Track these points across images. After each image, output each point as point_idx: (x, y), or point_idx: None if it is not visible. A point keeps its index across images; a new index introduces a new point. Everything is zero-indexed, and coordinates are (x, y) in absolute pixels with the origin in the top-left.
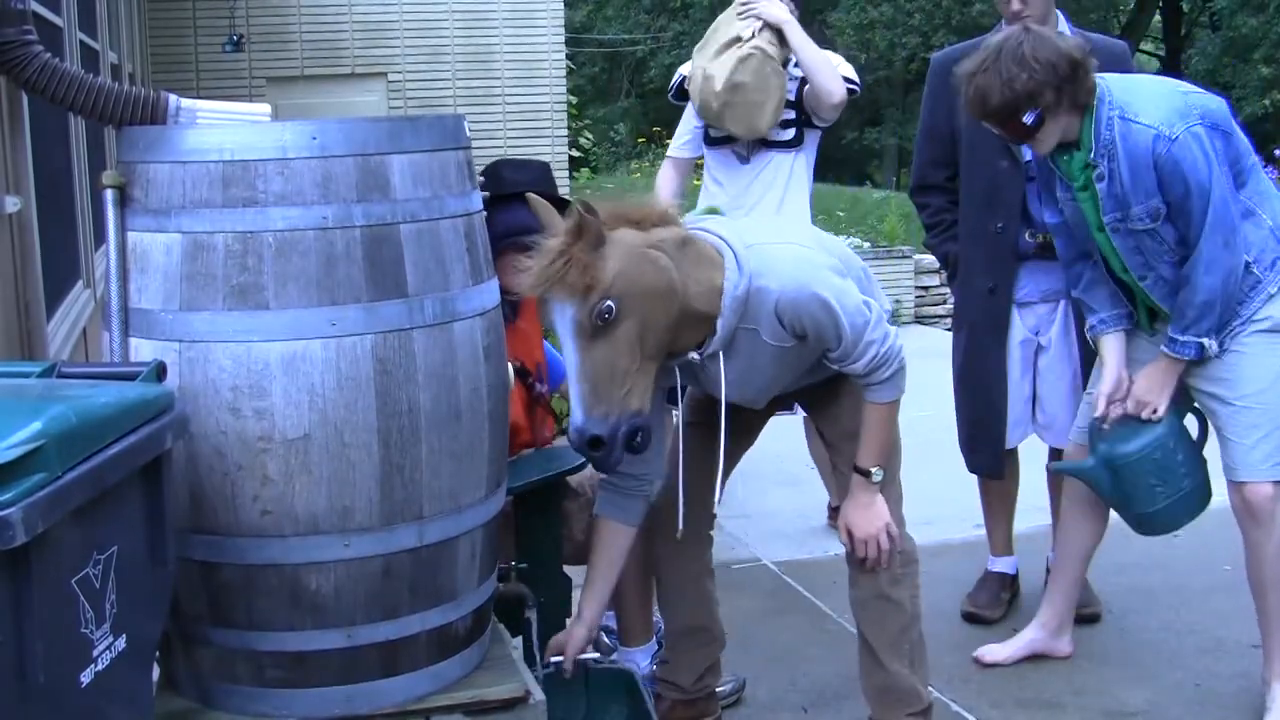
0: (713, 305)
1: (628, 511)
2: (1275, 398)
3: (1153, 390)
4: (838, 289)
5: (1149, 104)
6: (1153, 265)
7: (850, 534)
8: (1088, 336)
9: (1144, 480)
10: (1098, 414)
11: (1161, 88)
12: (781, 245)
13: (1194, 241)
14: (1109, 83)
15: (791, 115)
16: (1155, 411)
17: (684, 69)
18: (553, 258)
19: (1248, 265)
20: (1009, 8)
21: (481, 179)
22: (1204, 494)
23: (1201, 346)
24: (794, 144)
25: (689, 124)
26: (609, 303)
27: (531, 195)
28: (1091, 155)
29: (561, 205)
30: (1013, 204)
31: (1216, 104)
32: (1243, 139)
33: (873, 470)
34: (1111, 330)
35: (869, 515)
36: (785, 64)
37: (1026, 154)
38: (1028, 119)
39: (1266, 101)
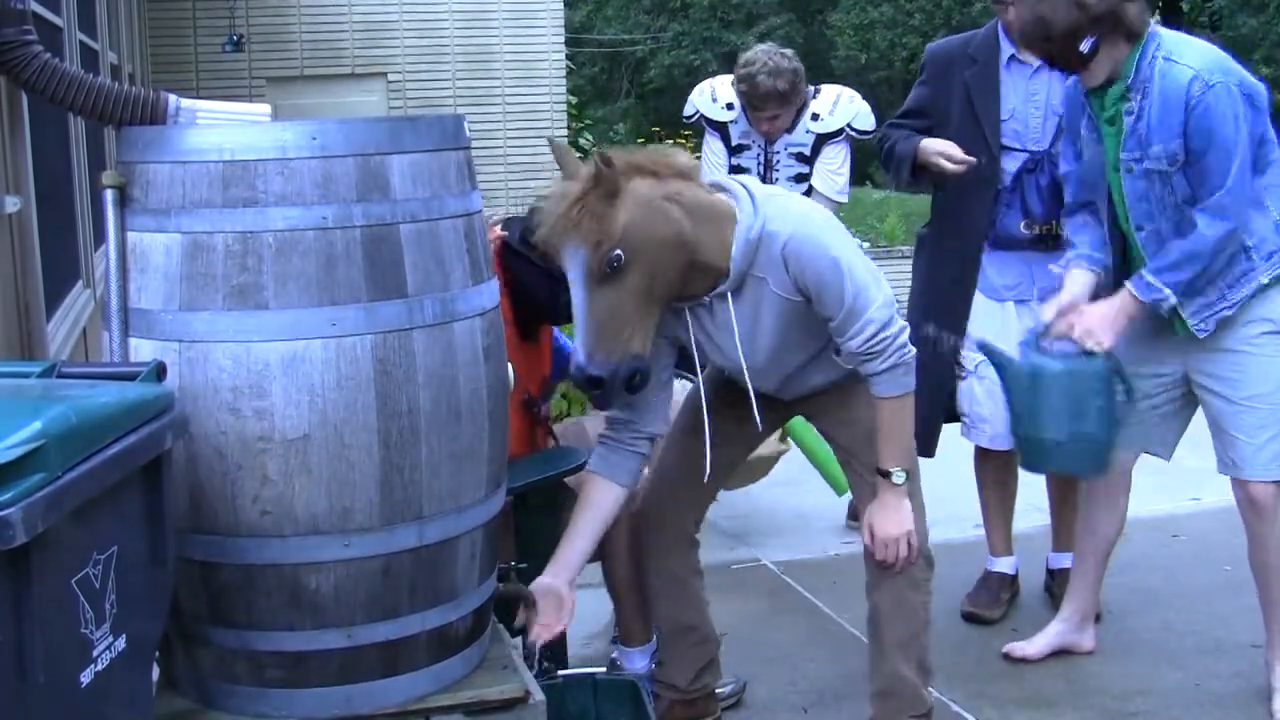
0: (722, 258)
1: (620, 470)
2: None
3: (1104, 322)
4: (850, 256)
5: (1194, 53)
6: (1154, 216)
7: (872, 534)
8: (1059, 269)
9: (1053, 402)
10: (1043, 319)
11: (1209, 46)
12: (801, 203)
13: (1206, 188)
14: (1161, 30)
15: (805, 170)
16: (1099, 344)
17: (705, 106)
18: (568, 206)
19: (1247, 249)
20: (1006, 16)
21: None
22: (1100, 455)
23: (1163, 297)
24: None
25: (715, 158)
26: (618, 252)
27: (553, 140)
28: (1128, 86)
29: None
30: (985, 200)
31: (1255, 82)
32: (1270, 128)
33: (893, 471)
34: (1085, 266)
35: (893, 519)
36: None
37: (1007, 165)
38: (1084, 46)
39: None
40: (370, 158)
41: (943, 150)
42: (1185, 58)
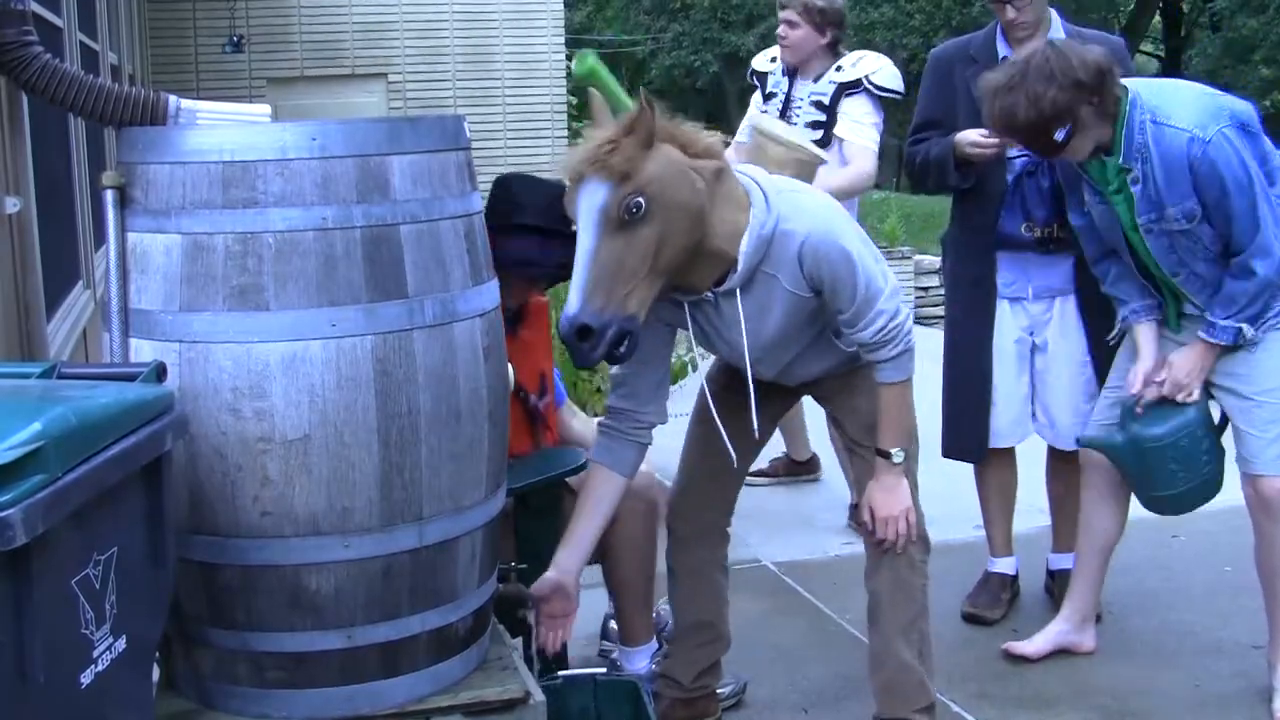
0: (731, 245)
1: (622, 460)
2: None
3: (1190, 373)
4: (860, 249)
5: (1179, 107)
6: (1187, 263)
7: (872, 514)
8: (1120, 326)
9: (1168, 464)
10: (1134, 391)
11: (1189, 91)
12: (812, 196)
13: (1241, 235)
14: (1137, 87)
15: (822, 118)
16: (1190, 395)
17: (757, 61)
18: (600, 142)
19: None
20: (1004, 16)
21: (492, 193)
22: (1218, 481)
23: (1239, 332)
24: (823, 144)
25: (753, 109)
26: (639, 199)
27: (594, 91)
28: (1124, 160)
29: (567, 238)
30: (996, 197)
31: (1243, 106)
32: (1266, 141)
33: (893, 451)
34: (1144, 319)
35: (892, 497)
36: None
37: (1012, 150)
38: (1058, 135)
39: (1267, 102)
40: (370, 158)
41: (976, 140)
42: (1175, 117)
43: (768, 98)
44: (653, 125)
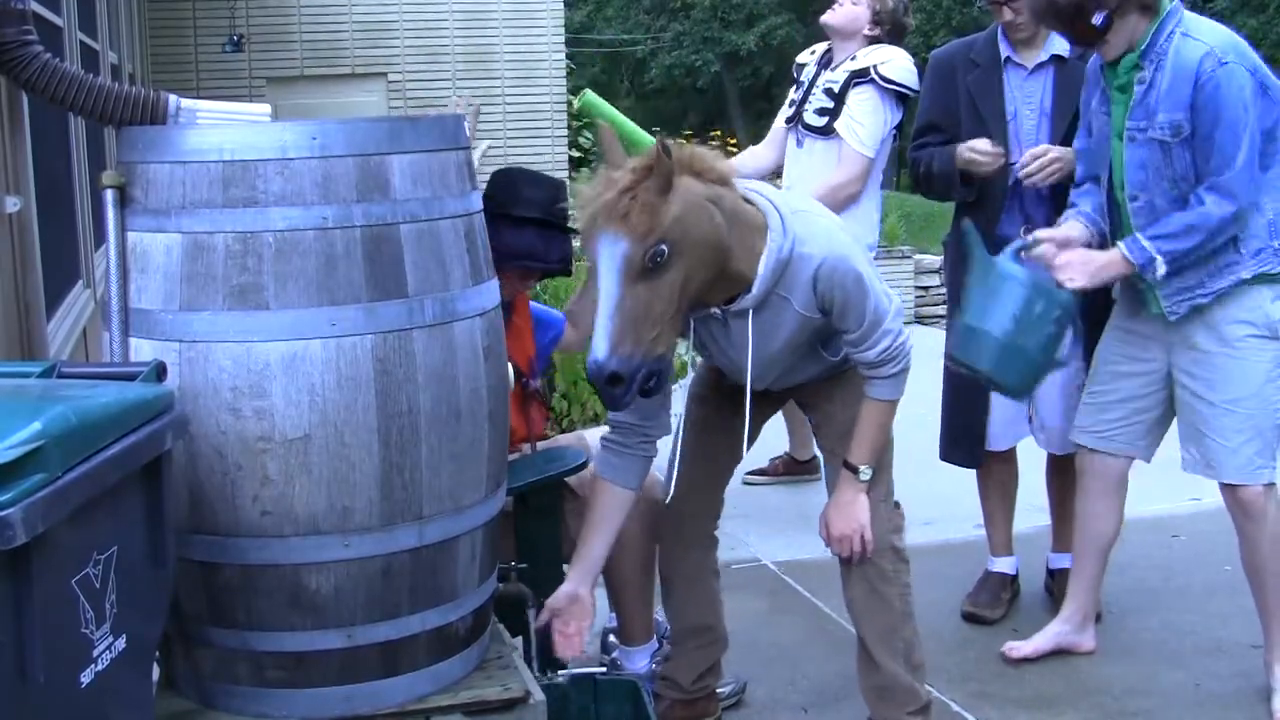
0: (749, 267)
1: (627, 474)
2: (1261, 403)
3: (1084, 265)
4: (869, 271)
5: (1213, 32)
6: (1149, 186)
7: (827, 530)
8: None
9: (1007, 304)
10: (1034, 235)
11: (1230, 32)
12: (824, 218)
13: (1215, 169)
14: (1185, 11)
15: (830, 105)
16: (1071, 281)
17: (801, 55)
18: (619, 192)
19: (1235, 240)
20: (1002, 17)
21: (494, 183)
22: (1025, 375)
23: (1153, 262)
24: (827, 131)
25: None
26: (663, 246)
27: (604, 125)
28: (1142, 59)
29: (567, 233)
30: (996, 200)
31: (1275, 80)
32: (1278, 128)
33: (861, 468)
34: (1083, 221)
35: (848, 514)
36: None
37: (1013, 154)
38: (1097, 20)
39: None
40: (370, 158)
41: (980, 151)
42: (1203, 35)
43: (798, 87)
44: (671, 172)
